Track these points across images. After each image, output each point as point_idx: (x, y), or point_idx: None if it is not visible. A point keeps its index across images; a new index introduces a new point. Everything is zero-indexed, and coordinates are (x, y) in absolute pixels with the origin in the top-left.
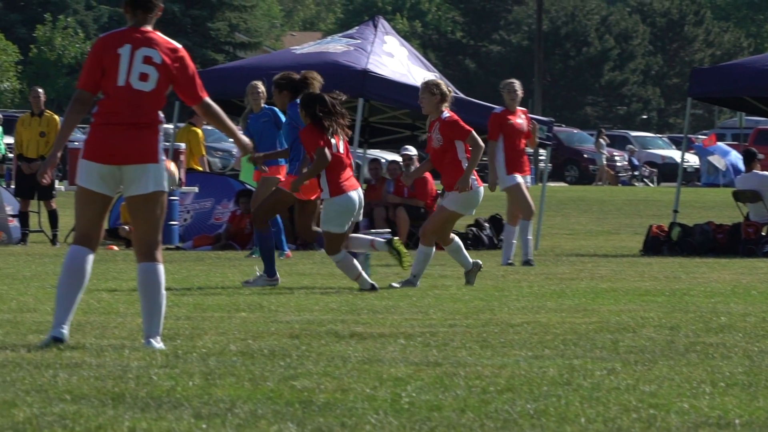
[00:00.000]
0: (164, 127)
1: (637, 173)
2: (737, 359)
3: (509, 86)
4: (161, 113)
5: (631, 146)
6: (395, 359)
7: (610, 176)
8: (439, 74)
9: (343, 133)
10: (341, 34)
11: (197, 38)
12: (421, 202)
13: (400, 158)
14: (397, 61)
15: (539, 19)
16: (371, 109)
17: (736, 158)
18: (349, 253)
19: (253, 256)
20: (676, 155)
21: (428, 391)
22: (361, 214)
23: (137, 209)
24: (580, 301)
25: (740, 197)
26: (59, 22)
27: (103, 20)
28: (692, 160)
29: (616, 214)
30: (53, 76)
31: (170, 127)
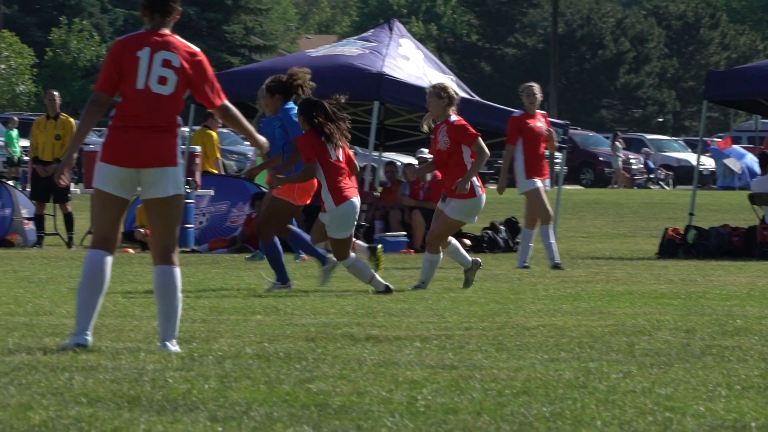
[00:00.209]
0: (181, 130)
1: (652, 176)
2: (753, 362)
3: (528, 89)
4: (179, 117)
5: (646, 149)
6: (411, 362)
7: (625, 179)
8: (454, 77)
9: (343, 138)
10: (356, 36)
11: (212, 41)
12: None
13: (415, 161)
14: (412, 63)
15: (555, 22)
16: (386, 112)
17: (751, 161)
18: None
19: (254, 259)
20: (691, 158)
21: (444, 394)
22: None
23: (155, 212)
24: (595, 304)
25: (756, 200)
26: (75, 25)
27: (118, 23)
28: (708, 163)
29: (631, 217)
30: (69, 79)
31: (186, 130)
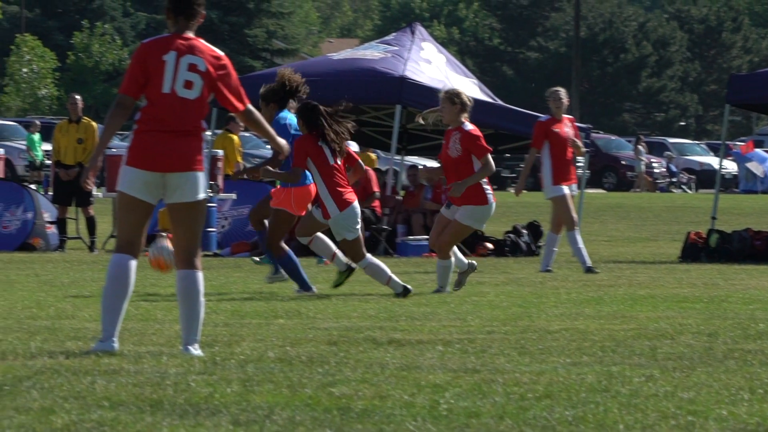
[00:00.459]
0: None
1: (675, 180)
2: None
3: (555, 94)
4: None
5: (669, 153)
6: (433, 366)
7: (648, 183)
8: (477, 81)
9: (343, 141)
10: (378, 40)
11: (235, 45)
12: None
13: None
14: (434, 67)
15: (577, 25)
16: (409, 115)
17: None
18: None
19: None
20: (714, 162)
21: (466, 397)
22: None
23: (180, 217)
24: (618, 307)
25: None
26: (97, 28)
27: (140, 27)
28: (730, 166)
29: (654, 220)
30: (91, 82)
31: (208, 134)
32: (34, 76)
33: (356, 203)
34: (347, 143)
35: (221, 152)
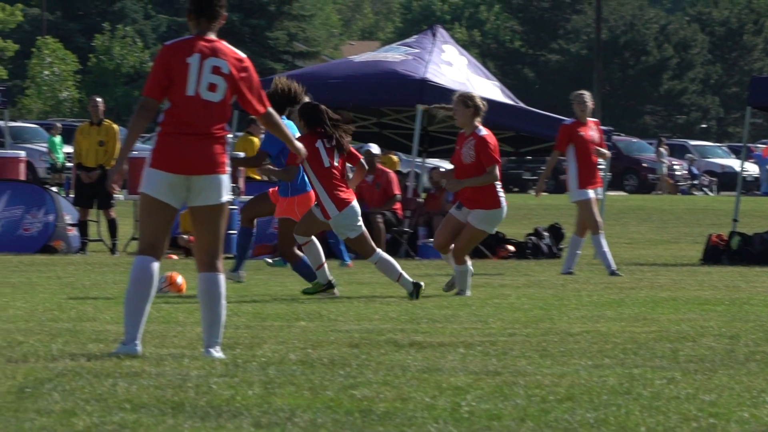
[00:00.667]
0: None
1: (696, 182)
2: None
3: (579, 98)
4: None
5: (690, 155)
6: (455, 368)
7: (669, 185)
8: (498, 83)
9: (344, 138)
10: (399, 42)
11: (256, 47)
12: None
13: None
14: (455, 69)
15: (598, 28)
16: (430, 118)
17: None
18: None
19: (275, 265)
20: (735, 164)
21: (488, 400)
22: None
23: (203, 219)
24: (639, 310)
25: None
26: (118, 31)
27: (161, 29)
28: (752, 169)
29: (675, 223)
30: (112, 85)
31: (230, 136)
32: (55, 78)
33: (355, 202)
34: (370, 145)
35: (243, 154)
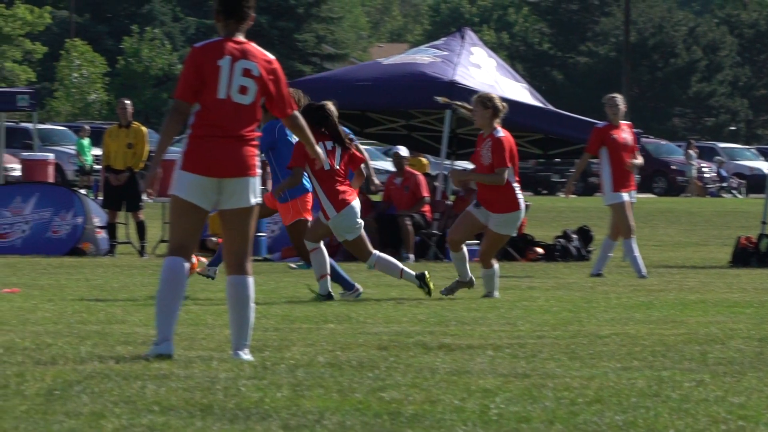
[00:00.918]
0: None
1: (725, 185)
2: None
3: (611, 101)
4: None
5: (719, 157)
6: (483, 371)
7: (698, 188)
8: (527, 85)
9: (345, 142)
10: (428, 45)
11: (284, 50)
12: None
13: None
14: (484, 72)
15: (627, 30)
16: (458, 120)
17: None
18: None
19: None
20: (764, 166)
21: (517, 402)
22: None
23: (233, 222)
24: (668, 312)
25: None
26: (146, 33)
27: (190, 32)
28: None
29: (704, 225)
30: (140, 87)
31: None
32: (83, 81)
33: (354, 203)
34: (399, 148)
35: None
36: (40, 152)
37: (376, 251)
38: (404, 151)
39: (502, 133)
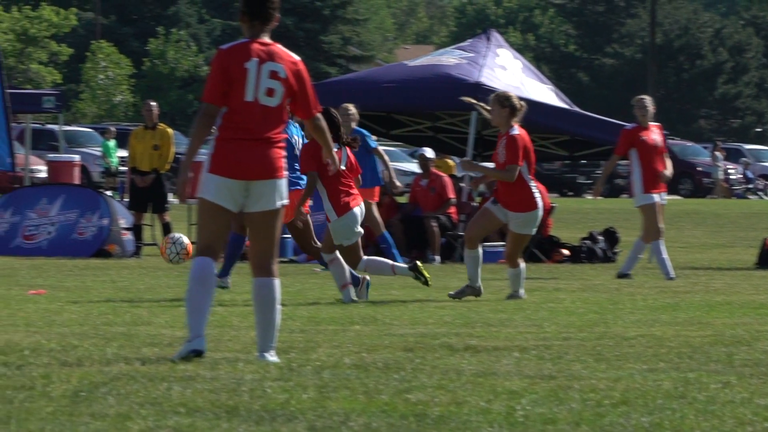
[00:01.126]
0: None
1: (751, 186)
2: None
3: (640, 102)
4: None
5: (745, 159)
6: (510, 372)
7: (724, 189)
8: (553, 87)
9: (349, 144)
10: (454, 46)
11: (310, 51)
12: None
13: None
14: (510, 73)
15: (652, 32)
16: (484, 122)
17: None
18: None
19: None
20: None
21: (543, 404)
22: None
23: (260, 224)
24: (694, 314)
25: None
26: (172, 35)
27: (215, 33)
28: None
29: (730, 227)
30: (166, 89)
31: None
32: (109, 82)
33: (356, 209)
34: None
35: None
36: (65, 154)
37: (364, 256)
38: (430, 152)
39: (517, 131)
